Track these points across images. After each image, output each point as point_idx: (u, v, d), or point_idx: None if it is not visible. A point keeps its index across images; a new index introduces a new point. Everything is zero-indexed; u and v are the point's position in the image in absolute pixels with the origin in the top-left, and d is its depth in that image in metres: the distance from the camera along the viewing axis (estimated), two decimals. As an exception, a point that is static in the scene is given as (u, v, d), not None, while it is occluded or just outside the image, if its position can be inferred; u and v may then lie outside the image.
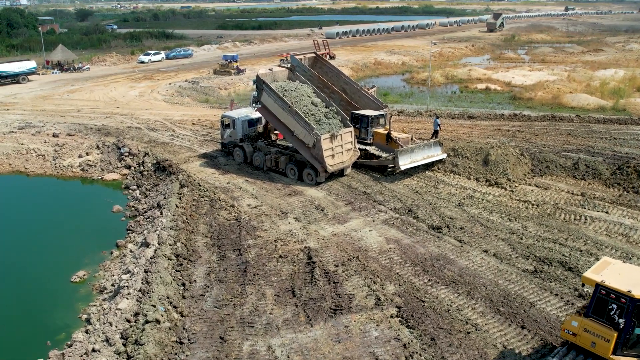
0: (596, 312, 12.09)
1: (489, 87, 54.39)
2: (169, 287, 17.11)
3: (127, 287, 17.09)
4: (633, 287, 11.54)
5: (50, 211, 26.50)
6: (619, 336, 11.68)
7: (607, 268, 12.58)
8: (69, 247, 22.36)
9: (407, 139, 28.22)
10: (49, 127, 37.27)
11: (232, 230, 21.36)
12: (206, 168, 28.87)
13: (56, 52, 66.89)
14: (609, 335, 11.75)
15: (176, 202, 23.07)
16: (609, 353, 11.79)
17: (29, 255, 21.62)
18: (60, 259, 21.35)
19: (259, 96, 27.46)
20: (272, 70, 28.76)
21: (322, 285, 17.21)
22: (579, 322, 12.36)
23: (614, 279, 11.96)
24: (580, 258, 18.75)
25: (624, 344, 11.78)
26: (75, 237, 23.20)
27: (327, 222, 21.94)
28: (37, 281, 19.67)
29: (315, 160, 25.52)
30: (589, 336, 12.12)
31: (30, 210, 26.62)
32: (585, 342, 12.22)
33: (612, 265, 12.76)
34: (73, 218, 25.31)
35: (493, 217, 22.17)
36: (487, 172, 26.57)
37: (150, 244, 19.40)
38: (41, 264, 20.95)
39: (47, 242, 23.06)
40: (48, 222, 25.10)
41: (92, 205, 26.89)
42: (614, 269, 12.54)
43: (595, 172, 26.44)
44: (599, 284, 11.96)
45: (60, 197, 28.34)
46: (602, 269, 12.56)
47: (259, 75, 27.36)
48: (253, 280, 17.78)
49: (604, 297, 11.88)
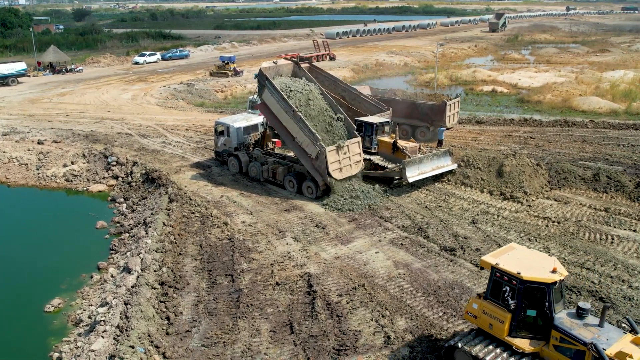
0: (493, 295, 12.32)
1: (495, 90, 52.43)
2: (151, 322, 15.15)
3: (104, 322, 15.12)
4: (523, 269, 11.74)
5: (28, 227, 24.48)
6: (513, 318, 11.91)
7: (508, 253, 12.71)
8: (46, 270, 20.38)
9: (414, 148, 26.22)
10: (35, 133, 35.34)
11: (224, 252, 19.40)
12: (198, 179, 26.90)
13: (48, 53, 64.88)
14: (504, 316, 12.00)
15: (164, 220, 21.11)
16: (504, 334, 12.03)
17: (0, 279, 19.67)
18: (35, 283, 19.40)
19: (260, 92, 25.25)
20: (276, 64, 26.50)
21: (323, 320, 15.26)
22: (478, 305, 12.64)
23: (508, 262, 12.11)
24: (612, 286, 16.81)
25: (517, 325, 12.00)
26: (53, 258, 21.22)
27: (328, 243, 19.97)
28: (6, 311, 17.67)
29: (316, 172, 23.56)
30: (487, 318, 12.39)
31: (6, 225, 24.67)
32: (484, 323, 12.52)
33: (515, 250, 12.88)
34: (53, 235, 23.34)
35: (511, 237, 20.19)
36: (501, 184, 24.61)
37: (133, 269, 17.43)
38: (13, 290, 18.99)
39: (22, 262, 21.03)
40: (25, 239, 23.10)
41: (74, 221, 24.91)
42: (515, 253, 12.66)
43: (618, 185, 24.50)
44: (493, 266, 12.17)
45: (41, 210, 26.32)
46: (503, 253, 12.72)
47: (262, 69, 25.15)
48: (246, 313, 15.82)
49: (499, 280, 12.12)
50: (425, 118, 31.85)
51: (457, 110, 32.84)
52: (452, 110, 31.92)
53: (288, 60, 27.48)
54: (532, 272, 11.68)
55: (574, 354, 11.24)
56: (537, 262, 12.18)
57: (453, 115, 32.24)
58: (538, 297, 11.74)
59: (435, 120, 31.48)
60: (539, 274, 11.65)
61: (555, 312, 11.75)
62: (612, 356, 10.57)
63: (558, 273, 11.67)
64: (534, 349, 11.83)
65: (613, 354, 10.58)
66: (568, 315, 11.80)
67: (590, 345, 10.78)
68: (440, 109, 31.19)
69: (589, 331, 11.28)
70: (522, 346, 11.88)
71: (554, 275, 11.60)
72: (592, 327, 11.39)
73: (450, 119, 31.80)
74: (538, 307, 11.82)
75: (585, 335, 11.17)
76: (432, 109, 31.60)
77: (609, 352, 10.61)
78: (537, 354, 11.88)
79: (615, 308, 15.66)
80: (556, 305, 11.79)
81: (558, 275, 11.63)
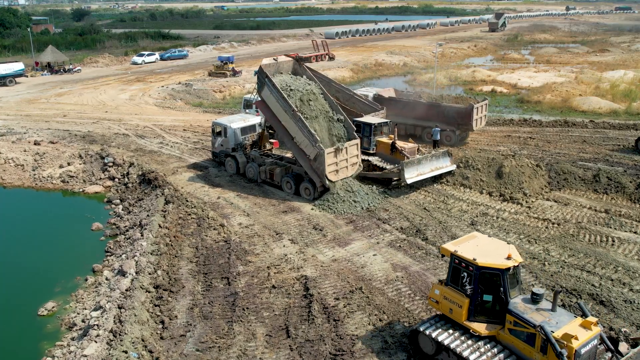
0: (453, 281, 12.77)
1: (495, 90, 52.20)
2: (145, 326, 14.93)
3: (97, 326, 14.90)
4: (479, 255, 12.15)
5: (24, 228, 24.26)
6: (470, 302, 12.35)
7: (469, 241, 13.15)
8: (40, 272, 20.18)
9: (413, 149, 26.00)
10: (31, 134, 35.10)
11: (220, 255, 19.16)
12: (195, 180, 26.67)
13: (46, 53, 64.66)
14: (462, 301, 12.45)
15: (159, 222, 20.88)
16: (463, 319, 12.50)
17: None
18: (29, 286, 19.19)
19: (259, 89, 24.81)
20: (276, 61, 25.95)
21: (320, 324, 15.03)
22: (440, 291, 13.11)
23: (466, 250, 12.55)
24: (613, 289, 16.58)
25: (475, 310, 12.43)
26: (48, 260, 21.01)
27: (326, 245, 19.74)
28: (0, 315, 17.46)
29: (314, 173, 23.31)
30: (448, 303, 12.85)
31: (2, 227, 24.42)
32: (445, 308, 12.99)
33: (476, 238, 13.34)
34: (48, 237, 23.12)
35: (510, 239, 19.96)
36: (500, 185, 24.37)
37: (127, 272, 17.21)
38: (7, 293, 18.76)
39: (17, 265, 20.84)
40: (21, 241, 22.89)
41: (70, 222, 24.68)
42: (475, 241, 13.10)
43: (619, 186, 24.27)
44: (452, 253, 12.63)
45: (37, 212, 26.08)
46: (464, 241, 13.17)
47: (262, 66, 24.66)
48: (242, 317, 15.60)
49: (458, 266, 12.56)
50: (452, 121, 31.04)
51: (485, 114, 31.93)
52: (480, 114, 31.06)
53: (289, 58, 27.06)
54: (487, 258, 12.12)
55: (526, 336, 11.69)
56: (494, 250, 12.57)
57: (480, 119, 31.35)
58: (493, 282, 12.21)
59: (461, 124, 30.80)
60: (493, 260, 12.07)
61: (511, 297, 12.18)
62: (559, 338, 11.01)
63: (513, 259, 12.04)
64: (489, 333, 12.34)
65: (560, 336, 11.03)
66: (523, 301, 12.20)
67: (539, 328, 11.27)
68: (467, 112, 30.42)
69: (541, 315, 11.71)
70: (479, 330, 12.38)
71: (509, 261, 11.99)
72: (544, 312, 11.82)
73: (477, 122, 30.98)
74: (494, 292, 12.29)
75: (537, 319, 11.58)
76: (459, 112, 30.80)
77: (556, 334, 11.08)
78: (494, 337, 12.38)
79: (616, 312, 15.43)
80: (511, 291, 12.22)
81: (512, 262, 12.00)
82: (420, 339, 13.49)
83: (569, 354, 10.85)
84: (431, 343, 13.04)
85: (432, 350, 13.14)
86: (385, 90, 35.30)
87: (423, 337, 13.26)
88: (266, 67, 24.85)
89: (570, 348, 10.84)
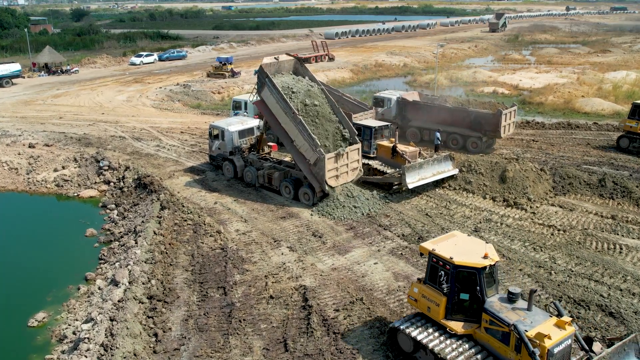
0: (431, 279, 12.84)
1: (496, 91, 51.67)
2: (138, 339, 14.38)
3: (88, 340, 14.34)
4: (456, 254, 12.24)
5: (16, 234, 23.70)
6: (448, 301, 12.42)
7: (448, 239, 13.25)
8: (32, 280, 19.63)
9: (414, 152, 25.44)
10: (26, 136, 34.55)
11: (216, 263, 18.60)
12: (192, 184, 26.12)
13: (43, 53, 64.06)
14: (439, 300, 12.53)
15: (154, 228, 20.32)
16: (440, 317, 12.59)
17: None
18: (19, 295, 18.59)
19: (259, 90, 24.13)
20: (277, 60, 25.13)
21: (319, 337, 14.47)
22: (418, 289, 13.19)
23: (444, 248, 12.62)
24: (622, 299, 16.03)
25: (452, 308, 12.49)
26: (40, 267, 20.43)
27: (325, 253, 19.18)
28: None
29: (314, 178, 22.76)
30: (426, 301, 12.94)
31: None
32: (423, 307, 13.09)
33: (455, 237, 13.42)
34: (41, 243, 22.52)
35: (515, 246, 19.43)
36: (504, 190, 23.83)
37: (120, 282, 16.65)
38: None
39: (8, 272, 20.28)
40: (12, 248, 22.30)
41: (64, 228, 24.11)
42: (454, 240, 13.17)
43: (625, 190, 23.74)
44: (430, 252, 12.73)
45: (30, 217, 25.51)
46: (443, 240, 13.30)
47: (262, 66, 23.94)
48: (238, 329, 15.03)
49: (435, 265, 12.64)
50: (478, 128, 29.84)
51: (513, 120, 30.62)
52: (508, 120, 29.71)
53: (290, 57, 26.38)
54: (464, 257, 12.19)
55: (501, 335, 11.72)
56: (472, 249, 12.62)
57: (509, 126, 30.05)
58: (470, 281, 12.26)
59: (489, 131, 29.60)
60: (470, 259, 12.13)
61: (487, 296, 12.25)
62: (532, 337, 11.04)
63: (489, 259, 12.11)
64: (466, 331, 12.39)
65: (533, 335, 11.05)
66: (499, 300, 12.26)
67: (512, 327, 11.32)
68: (495, 118, 29.14)
69: (516, 314, 11.74)
70: (456, 328, 12.42)
71: (485, 260, 12.06)
72: (519, 311, 11.84)
73: (505, 129, 29.68)
74: (470, 291, 12.35)
75: (512, 317, 11.62)
76: (486, 118, 29.57)
77: (529, 334, 11.11)
78: (471, 336, 12.42)
79: (627, 324, 14.89)
80: (488, 290, 12.30)
81: (489, 261, 12.08)
82: (399, 336, 13.54)
83: (541, 353, 10.86)
84: (409, 341, 13.08)
85: (410, 348, 13.20)
86: (409, 93, 34.24)
87: (401, 335, 13.32)
88: (267, 66, 24.16)
89: (542, 347, 10.86)
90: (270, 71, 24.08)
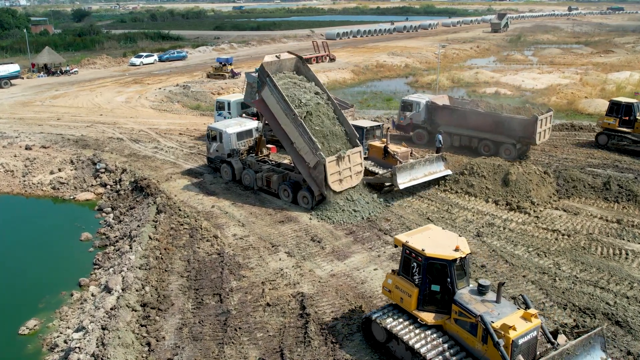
0: (404, 271, 13.15)
1: (499, 92, 51.19)
2: (130, 349, 13.97)
3: (79, 349, 13.93)
4: (427, 247, 12.56)
5: (10, 238, 23.32)
6: (419, 292, 12.75)
7: (422, 232, 13.60)
8: (24, 286, 19.29)
9: (406, 153, 25.19)
10: (23, 138, 34.18)
11: (213, 269, 18.18)
12: (189, 187, 25.70)
13: (42, 54, 63.74)
14: (412, 291, 12.86)
15: (150, 233, 19.91)
16: (412, 308, 12.88)
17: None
18: (11, 301, 18.23)
19: (259, 88, 23.56)
20: (279, 58, 24.37)
21: (317, 346, 14.05)
22: (392, 280, 13.49)
23: (417, 241, 12.93)
24: (629, 308, 15.58)
25: (424, 299, 12.79)
26: (34, 273, 20.07)
27: (324, 258, 18.75)
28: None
29: (313, 181, 22.32)
30: (399, 292, 13.25)
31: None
32: (396, 298, 13.40)
33: (430, 230, 13.77)
34: (35, 248, 22.10)
35: (518, 252, 18.98)
36: (507, 193, 23.38)
37: (113, 289, 16.24)
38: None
39: (0, 278, 19.92)
40: (5, 252, 21.92)
41: (59, 232, 23.73)
42: (428, 233, 13.50)
43: (630, 194, 23.27)
44: (404, 244, 13.02)
45: (24, 221, 25.09)
46: (417, 232, 13.69)
47: (263, 64, 23.30)
48: (234, 338, 14.61)
49: (408, 257, 12.95)
50: (512, 134, 28.41)
51: (549, 126, 29.18)
52: (544, 126, 28.23)
53: (292, 55, 25.88)
54: (435, 249, 12.49)
55: (469, 326, 11.95)
56: (444, 241, 12.89)
57: (544, 132, 28.57)
58: (441, 273, 12.52)
59: (523, 137, 28.17)
60: (441, 251, 12.43)
61: (458, 288, 12.52)
62: (497, 328, 11.25)
63: (460, 251, 12.36)
64: (436, 322, 12.65)
65: (498, 326, 11.26)
66: (470, 292, 12.51)
67: (479, 318, 11.54)
68: (530, 124, 27.68)
69: (485, 306, 11.94)
70: (427, 319, 12.69)
71: (456, 253, 12.32)
72: (488, 303, 12.06)
73: (540, 136, 28.16)
74: (441, 283, 12.61)
75: (480, 309, 11.84)
76: (521, 124, 28.10)
77: (495, 325, 11.32)
78: (441, 327, 12.68)
79: (634, 334, 14.44)
80: (459, 282, 12.58)
81: (460, 253, 12.34)
82: (372, 326, 13.82)
83: (506, 343, 11.05)
84: (382, 331, 13.39)
85: (383, 338, 13.54)
86: (438, 97, 33.07)
87: (375, 325, 13.57)
88: (268, 64, 23.52)
89: (507, 338, 11.05)
90: (271, 70, 23.55)
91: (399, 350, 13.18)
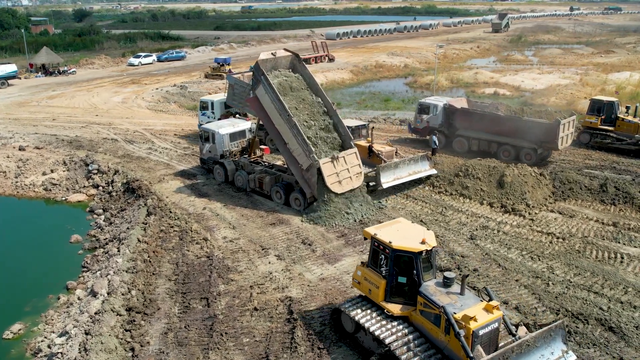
0: (373, 263, 13.41)
1: (498, 92, 50.90)
2: (113, 354, 13.71)
3: (61, 354, 13.70)
4: (394, 239, 12.79)
5: (0, 240, 23.12)
6: (387, 284, 13.00)
7: (392, 225, 13.88)
8: (11, 288, 19.05)
9: (391, 152, 25.17)
10: (17, 139, 33.98)
11: (201, 272, 17.93)
12: (181, 189, 25.45)
13: (40, 54, 63.59)
14: (379, 282, 13.10)
15: (139, 236, 19.66)
16: (379, 299, 13.11)
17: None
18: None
19: (254, 86, 23.21)
20: (275, 55, 23.98)
21: (303, 353, 13.78)
22: (362, 272, 13.75)
23: (386, 233, 13.15)
24: (623, 313, 15.28)
25: (391, 291, 13.03)
26: (21, 275, 19.87)
27: (314, 262, 18.48)
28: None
29: (305, 183, 22.06)
30: (368, 284, 13.50)
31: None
32: (365, 289, 13.66)
33: (399, 224, 14.01)
34: (24, 250, 21.88)
35: (512, 255, 18.69)
36: (502, 196, 23.09)
37: (98, 293, 16.00)
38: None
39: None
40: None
41: (49, 233, 23.51)
42: (397, 227, 13.74)
43: (627, 196, 22.97)
44: (372, 236, 13.28)
45: (15, 222, 24.86)
46: (387, 225, 13.99)
47: (258, 62, 22.95)
48: (219, 343, 14.35)
49: (377, 249, 13.21)
50: (533, 138, 27.53)
51: (572, 131, 28.39)
52: (566, 131, 27.47)
53: (288, 53, 25.56)
54: (402, 242, 12.71)
55: (433, 318, 12.18)
56: (412, 234, 13.09)
57: (567, 137, 27.83)
58: (408, 265, 12.75)
59: (544, 142, 27.45)
60: (408, 243, 12.65)
61: (424, 280, 12.73)
62: (459, 319, 11.46)
63: (426, 244, 12.58)
64: (402, 313, 12.86)
65: (460, 317, 11.47)
66: (435, 284, 12.71)
67: (442, 309, 11.75)
68: (552, 128, 26.89)
69: (449, 298, 12.16)
70: (393, 310, 12.89)
71: (422, 245, 12.54)
72: (452, 295, 12.27)
73: (563, 140, 27.41)
74: (408, 275, 12.83)
75: (443, 300, 12.05)
76: (542, 128, 27.33)
77: (457, 316, 11.53)
78: (407, 317, 12.88)
79: (627, 340, 14.14)
80: (425, 274, 12.81)
81: (426, 246, 12.56)
82: (342, 317, 14.15)
83: (466, 334, 11.24)
84: (351, 322, 13.71)
85: (352, 328, 13.88)
86: (457, 100, 32.28)
87: (344, 315, 13.86)
88: (263, 62, 23.17)
89: (468, 329, 11.24)
90: (266, 67, 23.21)
91: (366, 340, 13.49)
